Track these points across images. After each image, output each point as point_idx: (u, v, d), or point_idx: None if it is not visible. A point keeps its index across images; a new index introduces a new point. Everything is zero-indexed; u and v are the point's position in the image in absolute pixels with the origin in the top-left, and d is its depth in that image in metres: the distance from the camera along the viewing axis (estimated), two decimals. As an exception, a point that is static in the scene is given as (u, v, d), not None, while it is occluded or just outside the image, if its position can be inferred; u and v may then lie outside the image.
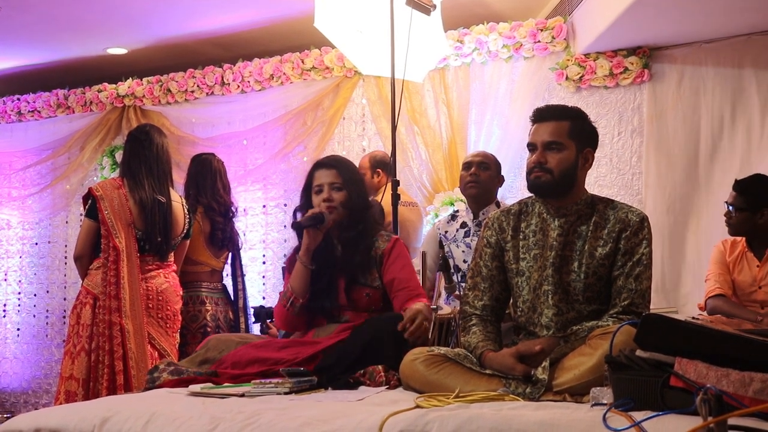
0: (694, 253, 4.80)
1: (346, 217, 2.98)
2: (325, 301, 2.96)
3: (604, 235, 2.50)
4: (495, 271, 2.66)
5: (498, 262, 2.67)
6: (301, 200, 3.10)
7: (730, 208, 3.78)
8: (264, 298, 5.89)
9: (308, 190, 3.05)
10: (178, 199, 4.14)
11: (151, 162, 4.02)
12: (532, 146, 2.58)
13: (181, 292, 4.13)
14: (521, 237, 2.63)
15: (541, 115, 2.58)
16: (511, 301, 2.70)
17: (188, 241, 4.22)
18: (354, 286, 2.96)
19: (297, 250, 3.06)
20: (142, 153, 4.02)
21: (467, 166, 4.03)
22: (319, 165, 3.07)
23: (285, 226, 5.96)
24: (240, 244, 4.69)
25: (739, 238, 3.88)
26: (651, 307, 2.52)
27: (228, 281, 4.66)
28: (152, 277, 3.95)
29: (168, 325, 3.99)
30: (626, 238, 2.48)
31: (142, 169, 3.99)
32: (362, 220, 3.02)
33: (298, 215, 3.05)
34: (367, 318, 2.88)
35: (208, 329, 4.31)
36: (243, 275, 4.70)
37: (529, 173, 2.57)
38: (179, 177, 4.82)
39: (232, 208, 4.56)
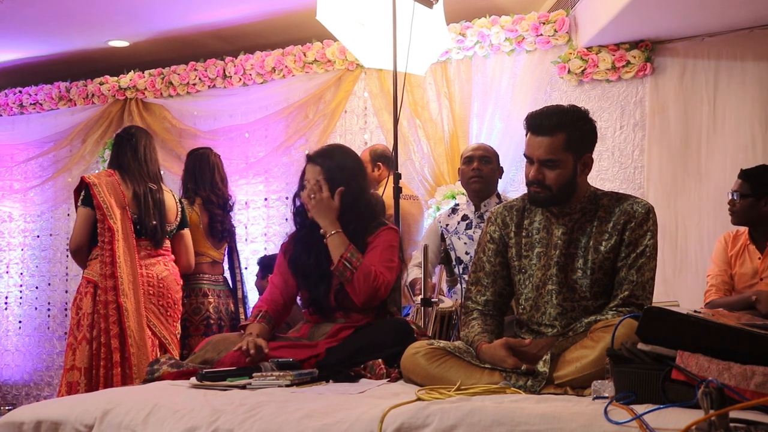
0: (696, 246, 4.80)
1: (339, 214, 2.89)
2: (318, 301, 2.93)
3: (609, 229, 2.48)
4: (498, 267, 2.65)
5: (501, 257, 2.65)
6: (298, 187, 3.03)
7: (734, 195, 3.77)
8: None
9: (303, 180, 2.98)
10: (168, 191, 4.18)
11: (140, 160, 4.06)
12: (528, 158, 2.51)
13: (181, 282, 4.13)
14: (524, 234, 2.61)
15: (536, 127, 2.48)
16: (515, 297, 2.69)
17: (187, 231, 4.21)
18: (344, 288, 2.88)
19: (294, 235, 3.05)
20: (131, 152, 4.05)
21: (468, 160, 4.02)
22: (308, 158, 2.98)
23: (286, 219, 5.97)
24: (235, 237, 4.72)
25: (741, 230, 3.88)
26: (654, 300, 2.51)
27: (227, 274, 4.68)
28: (152, 264, 3.96)
29: (169, 314, 3.99)
30: (631, 229, 2.46)
31: (132, 165, 4.03)
32: (354, 219, 2.90)
33: (297, 201, 3.02)
34: (365, 321, 2.84)
35: (211, 321, 4.32)
36: (241, 267, 4.72)
37: (528, 185, 2.53)
38: (180, 169, 4.82)
39: (230, 201, 4.58)
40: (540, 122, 2.47)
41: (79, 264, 4.02)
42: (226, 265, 4.64)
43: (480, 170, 3.96)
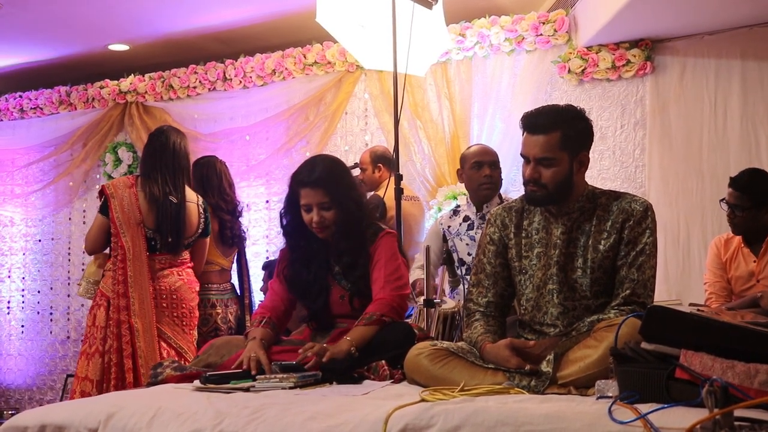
0: (699, 244, 4.79)
1: (339, 231, 2.85)
2: (318, 315, 2.93)
3: (607, 227, 2.49)
4: (499, 268, 2.65)
5: (502, 258, 2.65)
6: (285, 207, 2.96)
7: (734, 208, 3.72)
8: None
9: (293, 200, 2.91)
10: (194, 198, 4.09)
11: (167, 159, 3.98)
12: (525, 158, 2.53)
13: (197, 288, 4.10)
14: (524, 234, 2.62)
15: (531, 126, 2.51)
16: (516, 297, 2.69)
17: (206, 240, 4.18)
18: (346, 295, 2.89)
19: (285, 253, 3.02)
20: (159, 150, 4.01)
21: (478, 165, 3.93)
22: (302, 183, 2.86)
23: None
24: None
25: (732, 234, 3.86)
26: (655, 299, 2.51)
27: (235, 280, 4.68)
28: (164, 276, 3.93)
29: (184, 323, 3.97)
30: (630, 227, 2.46)
31: (156, 165, 3.98)
32: (357, 233, 2.87)
33: (284, 220, 2.97)
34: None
35: (220, 333, 4.31)
36: (249, 274, 4.72)
37: (524, 184, 2.55)
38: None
39: (239, 206, 4.58)
40: (535, 121, 2.50)
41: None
42: (233, 272, 4.64)
43: (491, 177, 3.92)
